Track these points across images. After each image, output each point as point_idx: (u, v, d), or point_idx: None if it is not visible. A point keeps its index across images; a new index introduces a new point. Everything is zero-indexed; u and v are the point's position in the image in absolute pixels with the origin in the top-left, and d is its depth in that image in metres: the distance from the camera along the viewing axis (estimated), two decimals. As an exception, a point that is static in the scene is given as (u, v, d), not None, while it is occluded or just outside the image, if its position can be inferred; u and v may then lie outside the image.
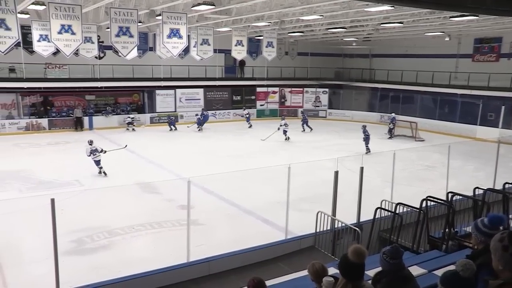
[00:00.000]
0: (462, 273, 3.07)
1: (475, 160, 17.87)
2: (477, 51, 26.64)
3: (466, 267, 3.07)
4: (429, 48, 27.61)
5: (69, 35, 13.05)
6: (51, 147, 20.24)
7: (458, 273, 3.07)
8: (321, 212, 8.51)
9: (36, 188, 13.45)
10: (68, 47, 13.30)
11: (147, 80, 26.79)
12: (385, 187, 10.70)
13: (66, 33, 12.93)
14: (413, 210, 8.17)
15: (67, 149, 19.95)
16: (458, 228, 7.85)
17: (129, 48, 13.58)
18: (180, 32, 14.37)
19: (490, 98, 24.25)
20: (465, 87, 25.19)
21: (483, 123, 24.23)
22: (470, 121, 24.89)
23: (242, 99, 31.22)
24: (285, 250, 7.98)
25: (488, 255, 3.02)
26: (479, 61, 26.41)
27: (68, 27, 12.90)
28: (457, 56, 27.39)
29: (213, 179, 12.51)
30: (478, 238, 3.35)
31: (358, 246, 3.45)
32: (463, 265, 3.09)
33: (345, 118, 30.90)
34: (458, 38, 26.52)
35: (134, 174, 15.30)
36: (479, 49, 26.52)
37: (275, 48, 21.79)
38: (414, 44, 28.35)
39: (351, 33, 25.91)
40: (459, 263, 3.11)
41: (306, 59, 33.35)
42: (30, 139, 21.83)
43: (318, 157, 17.38)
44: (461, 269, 3.08)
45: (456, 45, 27.10)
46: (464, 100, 25.88)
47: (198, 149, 20.09)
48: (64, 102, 25.94)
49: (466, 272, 3.06)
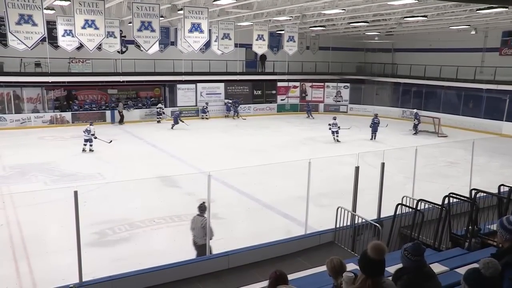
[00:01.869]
0: (483, 271, 3.02)
1: (501, 157, 17.49)
2: (505, 44, 25.85)
3: (489, 265, 3.02)
4: (454, 42, 26.98)
5: (92, 30, 13.22)
6: (74, 140, 20.56)
7: (480, 271, 3.02)
8: (341, 207, 8.44)
9: (60, 180, 13.72)
10: (92, 41, 13.48)
11: (168, 75, 26.98)
12: (407, 183, 10.55)
13: (89, 28, 13.10)
14: (435, 207, 8.03)
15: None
16: (481, 226, 7.69)
17: (151, 42, 13.67)
18: (201, 26, 14.40)
19: (518, 93, 23.64)
20: (491, 82, 24.58)
21: (510, 119, 23.73)
22: (496, 117, 24.37)
23: (263, 93, 31.20)
24: (304, 245, 7.95)
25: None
26: (506, 55, 25.64)
27: (92, 22, 13.07)
28: (483, 50, 26.70)
29: (234, 173, 12.58)
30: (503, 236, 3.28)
31: (378, 243, 3.42)
32: (486, 263, 3.04)
33: (366, 113, 30.47)
34: (484, 31, 25.81)
35: (155, 168, 15.45)
36: (507, 43, 25.72)
37: (296, 42, 21.67)
38: (438, 38, 27.81)
39: (373, 27, 25.56)
40: (482, 262, 3.05)
41: (327, 54, 33.10)
42: (55, 132, 22.29)
43: (339, 152, 17.28)
44: (483, 267, 3.03)
45: (483, 38, 26.41)
46: (489, 95, 25.27)
47: (219, 143, 20.18)
48: (87, 96, 26.39)
49: (488, 270, 3.01)
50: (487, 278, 2.99)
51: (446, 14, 18.94)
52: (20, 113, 23.95)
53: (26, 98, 24.49)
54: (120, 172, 14.95)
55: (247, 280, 6.42)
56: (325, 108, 31.84)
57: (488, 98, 25.42)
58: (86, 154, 17.57)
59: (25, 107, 24.42)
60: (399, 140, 21.54)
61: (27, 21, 11.39)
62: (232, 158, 16.62)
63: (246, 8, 18.62)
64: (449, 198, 8.01)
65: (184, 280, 6.72)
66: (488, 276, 3.00)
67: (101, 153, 17.62)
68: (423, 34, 28.10)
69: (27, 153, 17.34)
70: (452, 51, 27.35)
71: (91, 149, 18.01)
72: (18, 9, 11.20)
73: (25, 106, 24.46)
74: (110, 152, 17.79)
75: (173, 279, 6.66)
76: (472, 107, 26.47)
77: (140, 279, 6.52)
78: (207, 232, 7.27)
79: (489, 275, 3.01)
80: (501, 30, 25.43)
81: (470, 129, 24.41)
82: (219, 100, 29.31)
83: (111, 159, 16.57)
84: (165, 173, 14.53)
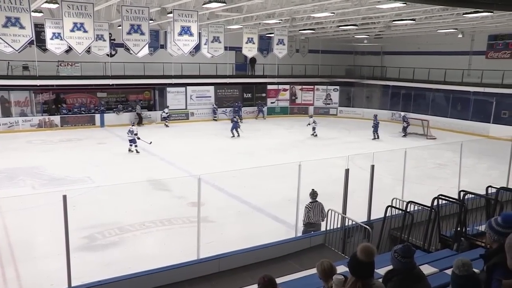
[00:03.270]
0: (457, 272, 3.20)
1: (488, 159, 17.66)
2: (491, 48, 26.21)
3: (464, 267, 3.18)
4: (442, 45, 27.27)
5: (81, 33, 13.14)
6: (63, 144, 20.43)
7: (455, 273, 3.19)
8: (331, 210, 8.47)
9: (49, 185, 13.60)
10: (80, 44, 13.41)
11: (158, 78, 26.90)
12: (396, 185, 10.62)
13: (78, 31, 13.02)
14: (424, 209, 8.09)
15: (79, 146, 20.12)
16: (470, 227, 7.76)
17: (140, 45, 13.60)
18: (191, 29, 14.37)
19: (504, 96, 23.95)
20: (478, 84, 24.90)
21: (497, 121, 24.00)
22: (483, 119, 24.66)
23: (253, 96, 31.22)
24: (295, 248, 7.96)
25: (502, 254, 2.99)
26: (493, 58, 25.99)
27: (81, 25, 12.99)
28: (470, 53, 27.01)
29: (224, 176, 12.55)
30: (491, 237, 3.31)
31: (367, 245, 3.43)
32: (458, 266, 3.21)
33: (356, 115, 30.74)
34: (471, 34, 26.15)
35: (145, 171, 15.38)
36: (493, 46, 26.09)
37: (286, 45, 21.68)
38: (426, 41, 28.07)
39: (362, 31, 25.73)
40: (456, 263, 3.19)
41: (317, 57, 33.22)
42: (43, 136, 22.07)
43: (329, 154, 17.34)
44: (457, 268, 3.20)
45: (470, 42, 26.73)
46: (477, 97, 25.61)
47: (209, 146, 20.15)
48: (76, 100, 26.17)
49: (462, 272, 3.17)
50: (461, 278, 3.16)
51: (434, 18, 19.15)
52: (8, 117, 23.66)
53: (13, 101, 24.25)
54: (110, 175, 14.86)
55: (238, 283, 6.40)
56: (315, 110, 31.86)
57: (476, 100, 25.77)
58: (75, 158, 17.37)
59: (13, 111, 24.14)
60: (389, 142, 21.67)
61: (14, 23, 11.25)
62: (222, 161, 16.61)
63: (236, 11, 18.64)
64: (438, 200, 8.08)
65: (174, 284, 6.68)
66: (462, 276, 3.16)
67: (90, 157, 17.47)
68: (411, 37, 28.34)
69: (15, 157, 17.15)
70: (440, 54, 27.64)
71: (136, 150, 18.30)
72: (5, 12, 11.04)
73: (13, 109, 24.18)
74: (99, 156, 17.67)
75: (164, 283, 6.62)
76: (460, 110, 26.78)
77: (130, 284, 6.47)
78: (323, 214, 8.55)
79: (463, 274, 3.17)
80: (487, 34, 25.79)
81: (458, 131, 24.65)
82: (209, 103, 29.26)
83: (100, 163, 16.45)
84: (155, 176, 14.48)
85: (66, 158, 17.37)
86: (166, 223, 10.65)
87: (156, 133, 23.36)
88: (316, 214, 8.62)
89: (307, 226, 8.80)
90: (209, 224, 10.04)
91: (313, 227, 8.59)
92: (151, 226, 10.48)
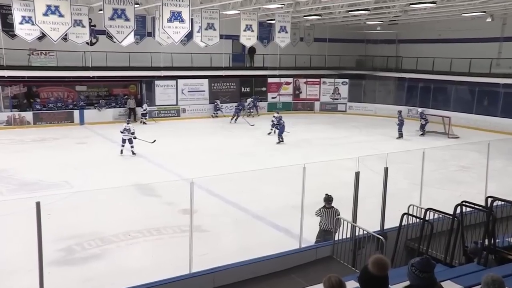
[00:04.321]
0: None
1: (521, 161, 17.67)
2: (526, 32, 25.87)
3: (494, 284, 3.11)
4: (467, 32, 27.04)
5: (56, 18, 13.10)
6: (36, 143, 20.38)
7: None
8: (340, 217, 8.45)
9: (19, 190, 13.55)
10: (56, 31, 13.37)
11: (145, 70, 26.91)
12: (413, 190, 10.59)
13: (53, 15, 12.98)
14: (445, 217, 8.07)
15: (55, 146, 20.10)
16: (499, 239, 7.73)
17: (125, 33, 13.61)
18: (182, 15, 14.37)
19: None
20: (510, 75, 24.83)
21: (532, 117, 23.92)
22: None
23: (252, 91, 31.23)
24: (299, 261, 7.94)
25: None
26: (527, 45, 25.73)
27: (55, 8, 12.96)
28: (500, 40, 26.81)
29: (220, 180, 12.53)
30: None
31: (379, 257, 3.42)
32: (487, 283, 3.13)
33: (367, 112, 30.76)
34: (502, 18, 25.85)
35: (130, 175, 15.37)
36: (529, 30, 25.71)
37: (288, 33, 21.66)
38: (448, 27, 28.01)
39: (375, 16, 25.75)
40: (484, 279, 3.15)
41: (323, 46, 33.24)
42: (12, 134, 21.99)
43: (337, 156, 17.32)
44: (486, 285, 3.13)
45: (500, 26, 26.45)
46: (507, 90, 25.48)
47: (203, 147, 20.14)
48: (51, 94, 26.14)
49: None
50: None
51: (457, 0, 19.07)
52: (-29, 113, 23.63)
53: (-22, 95, 24.23)
54: (90, 179, 14.80)
55: (234, 301, 6.39)
56: (321, 107, 31.95)
57: (506, 94, 25.62)
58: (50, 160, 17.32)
59: (-23, 106, 24.13)
60: (405, 142, 21.66)
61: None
62: (217, 163, 16.58)
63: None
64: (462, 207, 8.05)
65: (163, 301, 6.66)
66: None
67: (68, 158, 17.44)
68: (431, 23, 28.33)
69: (-18, 159, 17.12)
70: (465, 42, 27.46)
71: (133, 152, 18.17)
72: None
73: (-23, 105, 24.17)
74: (78, 157, 17.64)
75: (151, 301, 6.60)
76: (488, 105, 26.74)
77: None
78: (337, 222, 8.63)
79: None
80: (522, 17, 25.42)
81: (485, 129, 24.63)
82: (202, 98, 29.26)
83: (79, 165, 16.41)
84: (142, 180, 14.45)
85: (40, 160, 17.33)
86: (155, 233, 10.61)
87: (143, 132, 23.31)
88: (330, 221, 8.76)
89: (323, 233, 8.99)
90: (203, 233, 10.01)
91: (329, 234, 8.72)
92: (137, 236, 10.44)
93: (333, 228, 8.62)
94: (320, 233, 9.11)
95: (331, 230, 8.65)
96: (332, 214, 8.83)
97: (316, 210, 9.05)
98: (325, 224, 8.90)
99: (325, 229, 8.88)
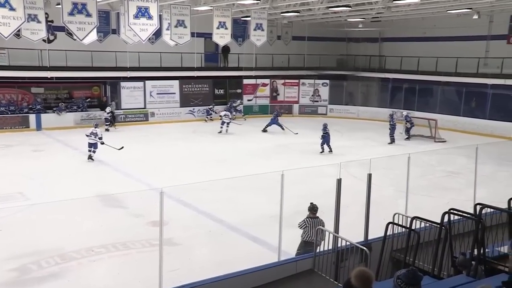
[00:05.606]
0: None
1: (511, 165, 18.02)
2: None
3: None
4: (453, 29, 27.57)
5: (7, 11, 12.86)
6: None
7: None
8: (321, 228, 8.48)
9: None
10: (6, 26, 13.11)
11: (109, 70, 26.67)
12: (399, 197, 10.71)
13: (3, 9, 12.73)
14: (433, 226, 8.16)
15: (8, 153, 19.76)
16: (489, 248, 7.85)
17: (86, 30, 13.47)
18: (149, 11, 14.32)
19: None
20: (498, 75, 25.35)
21: (520, 119, 24.40)
22: (503, 117, 25.08)
23: (226, 93, 31.23)
24: (278, 275, 7.93)
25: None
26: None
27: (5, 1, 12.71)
28: (488, 38, 27.42)
29: (192, 189, 12.49)
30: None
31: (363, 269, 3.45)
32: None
33: (349, 115, 31.05)
34: (489, 15, 26.44)
35: (93, 185, 15.17)
36: (516, 28, 26.27)
37: (265, 31, 21.78)
38: (433, 24, 28.54)
39: (357, 13, 26.04)
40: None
41: (302, 45, 33.47)
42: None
43: (318, 162, 17.42)
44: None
45: (487, 24, 27.04)
46: (496, 91, 26.05)
47: (174, 153, 20.08)
48: (3, 96, 25.66)
49: None
50: None
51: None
52: None
53: None
54: (48, 191, 14.55)
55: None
56: (300, 109, 32.13)
57: (494, 95, 26.19)
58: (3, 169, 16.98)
59: None
60: (389, 147, 21.93)
61: None
62: (189, 171, 16.52)
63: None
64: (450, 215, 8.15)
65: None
66: None
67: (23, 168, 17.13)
68: (416, 20, 28.82)
69: None
70: (451, 40, 28.07)
71: (91, 157, 18.37)
72: None
73: None
74: (35, 166, 17.34)
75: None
76: (475, 106, 27.21)
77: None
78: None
79: None
80: (509, 14, 25.98)
81: (473, 132, 25.15)
82: (172, 101, 29.13)
83: (36, 175, 16.13)
84: (106, 190, 14.28)
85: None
86: (121, 248, 10.50)
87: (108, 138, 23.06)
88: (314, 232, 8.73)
89: (303, 245, 8.96)
90: (174, 247, 9.97)
91: (311, 246, 8.69)
92: (101, 252, 10.31)
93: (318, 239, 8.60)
94: (301, 245, 9.10)
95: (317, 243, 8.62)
96: (317, 224, 8.82)
97: (300, 222, 9.05)
98: (309, 236, 8.88)
99: (309, 241, 8.86)
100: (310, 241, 8.80)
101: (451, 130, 25.61)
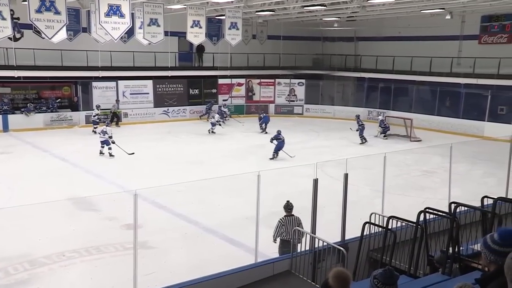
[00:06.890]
0: None
1: (484, 164, 18.39)
2: (484, 31, 26.91)
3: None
4: (427, 29, 28.00)
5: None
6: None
7: None
8: (297, 229, 8.52)
9: None
10: (-31, 23, 12.84)
11: (80, 70, 26.37)
12: (375, 197, 10.84)
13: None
14: (409, 225, 8.27)
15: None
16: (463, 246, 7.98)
17: (55, 28, 13.27)
18: (121, 9, 14.19)
19: (501, 88, 24.82)
20: (470, 75, 25.75)
21: (493, 118, 24.89)
22: (476, 116, 25.56)
23: (201, 93, 31.13)
24: (255, 277, 7.94)
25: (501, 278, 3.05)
26: (487, 43, 26.80)
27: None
28: (460, 38, 27.85)
29: (167, 191, 12.43)
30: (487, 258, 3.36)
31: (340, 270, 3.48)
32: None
33: (325, 115, 31.25)
34: (461, 15, 26.90)
35: (64, 188, 14.94)
36: (487, 29, 26.80)
37: (240, 30, 21.79)
38: (408, 24, 28.89)
39: (332, 12, 26.20)
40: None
41: (278, 44, 33.54)
42: None
43: (294, 162, 17.49)
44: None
45: (460, 24, 27.49)
46: (469, 91, 26.54)
47: (148, 154, 19.95)
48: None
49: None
50: None
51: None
52: None
53: None
54: (17, 194, 14.35)
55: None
56: (276, 109, 32.20)
57: (467, 94, 26.69)
58: None
59: None
60: (365, 147, 22.15)
61: None
62: (164, 173, 16.45)
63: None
64: (425, 214, 8.27)
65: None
66: None
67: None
68: (390, 20, 29.15)
69: None
70: (425, 40, 28.46)
71: (110, 154, 19.22)
72: None
73: None
74: (2, 170, 17.01)
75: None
76: (449, 106, 27.67)
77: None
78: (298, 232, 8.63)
79: None
80: (480, 15, 26.45)
81: (447, 131, 25.56)
82: (146, 101, 28.92)
83: (3, 179, 15.84)
84: (78, 193, 14.12)
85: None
86: (94, 252, 10.38)
87: (79, 139, 22.83)
88: (290, 230, 8.75)
89: (283, 245, 9.00)
90: (149, 251, 9.92)
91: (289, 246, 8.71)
92: (73, 257, 10.17)
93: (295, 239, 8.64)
94: (281, 244, 9.14)
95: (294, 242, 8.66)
96: (292, 223, 8.87)
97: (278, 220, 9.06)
98: (284, 235, 8.91)
99: (286, 240, 8.89)
100: (288, 240, 8.83)
101: (426, 130, 26.01)
